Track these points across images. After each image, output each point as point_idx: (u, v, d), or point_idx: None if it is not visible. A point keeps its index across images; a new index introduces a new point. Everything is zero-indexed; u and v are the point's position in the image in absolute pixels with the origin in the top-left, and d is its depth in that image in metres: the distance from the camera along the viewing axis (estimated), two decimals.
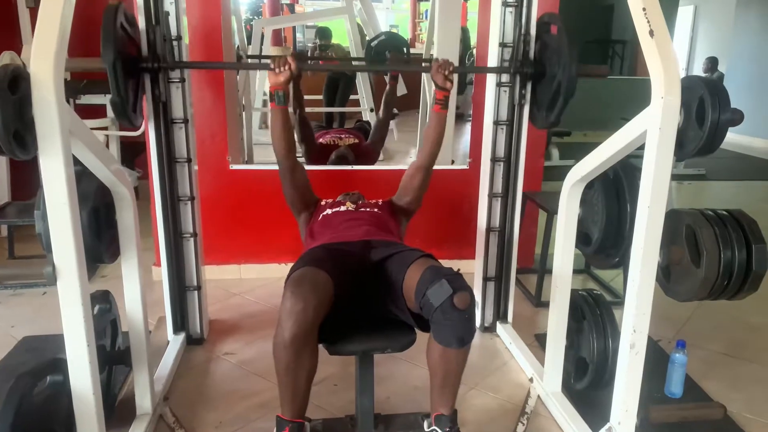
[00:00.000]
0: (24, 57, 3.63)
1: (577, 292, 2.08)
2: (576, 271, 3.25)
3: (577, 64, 2.06)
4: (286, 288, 1.61)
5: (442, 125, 2.21)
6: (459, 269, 1.66)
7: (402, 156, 6.18)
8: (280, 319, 1.57)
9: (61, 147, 1.29)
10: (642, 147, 1.55)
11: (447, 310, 1.56)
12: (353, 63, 5.40)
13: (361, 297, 1.84)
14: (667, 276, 1.65)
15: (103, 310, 1.96)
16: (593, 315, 1.99)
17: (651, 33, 1.45)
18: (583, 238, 2.00)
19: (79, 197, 1.67)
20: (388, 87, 3.79)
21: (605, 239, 1.89)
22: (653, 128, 1.45)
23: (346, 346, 1.73)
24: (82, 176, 1.71)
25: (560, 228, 1.98)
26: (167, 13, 2.21)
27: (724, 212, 1.55)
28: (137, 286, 1.85)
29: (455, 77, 2.21)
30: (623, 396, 1.64)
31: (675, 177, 4.73)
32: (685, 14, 10.38)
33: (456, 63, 2.18)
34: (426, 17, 11.62)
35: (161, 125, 2.26)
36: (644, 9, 1.48)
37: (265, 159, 5.61)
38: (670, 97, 1.41)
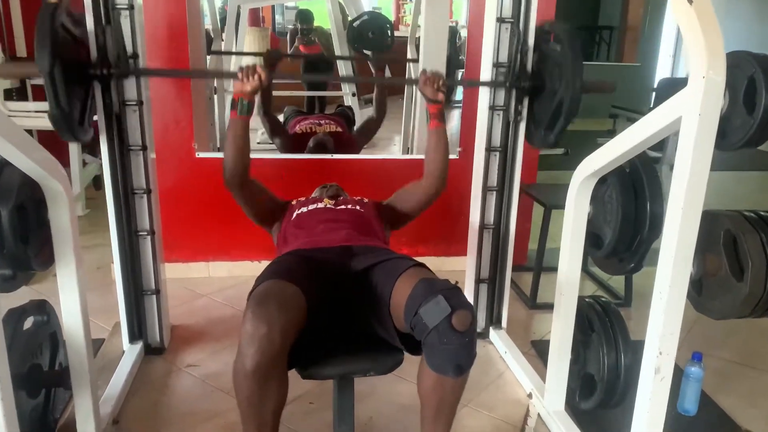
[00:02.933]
0: None
1: (583, 300, 1.84)
2: None
3: (581, 79, 1.84)
4: (247, 307, 1.35)
5: (444, 141, 1.94)
6: (457, 282, 1.40)
7: (385, 143, 5.88)
8: (240, 345, 1.31)
9: None
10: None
11: (444, 333, 1.31)
12: (338, 50, 5.10)
13: (340, 313, 1.58)
14: (698, 289, 1.41)
15: (39, 323, 1.68)
16: (603, 326, 1.76)
17: None
18: (592, 240, 1.76)
19: None
20: (376, 87, 3.52)
21: (620, 242, 1.65)
22: (690, 114, 1.20)
23: (322, 369, 1.47)
24: (3, 168, 1.43)
25: (567, 228, 1.74)
26: (119, 13, 1.92)
27: None
28: (76, 297, 1.57)
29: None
30: (645, 428, 1.40)
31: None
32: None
33: (444, 58, 1.95)
34: None
35: (112, 112, 1.98)
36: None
37: None
38: (712, 76, 1.16)
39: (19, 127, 1.26)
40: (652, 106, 8.10)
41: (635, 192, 1.62)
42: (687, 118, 1.21)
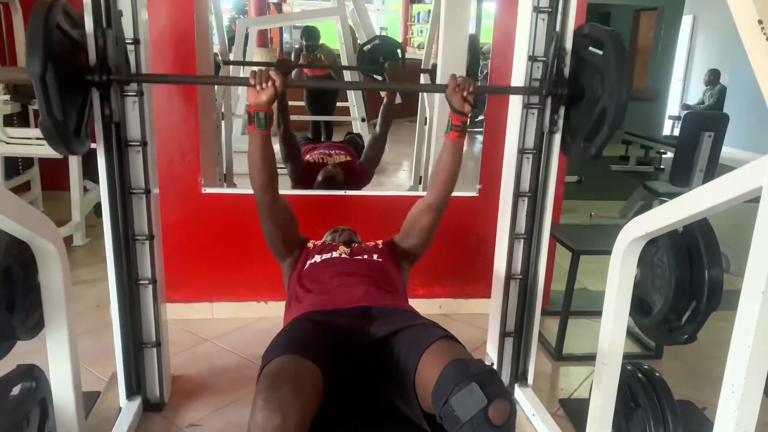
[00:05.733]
0: None
1: (625, 368, 1.68)
2: (593, 312, 2.87)
3: (627, 86, 1.67)
4: (257, 391, 1.18)
5: (459, 156, 1.84)
6: (493, 364, 1.24)
7: (395, 169, 5.75)
8: None
9: None
10: None
11: (479, 427, 1.14)
12: (347, 75, 4.93)
13: (358, 386, 1.42)
14: None
15: (27, 390, 1.51)
16: (649, 400, 1.60)
17: None
18: (638, 306, 1.60)
19: None
20: (385, 99, 3.37)
21: (672, 310, 1.49)
22: None
23: None
24: None
25: (611, 293, 1.58)
26: (120, 12, 1.77)
27: None
28: (68, 368, 1.42)
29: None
30: None
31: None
32: (682, 24, 10.09)
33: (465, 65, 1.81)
34: (419, 20, 11.25)
35: (113, 149, 1.83)
36: (761, 22, 1.07)
37: (246, 170, 5.18)
38: None
39: (2, 189, 1.11)
40: (673, 135, 7.96)
41: (690, 256, 1.46)
42: None
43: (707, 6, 9.58)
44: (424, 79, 4.22)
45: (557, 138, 2.01)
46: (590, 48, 1.86)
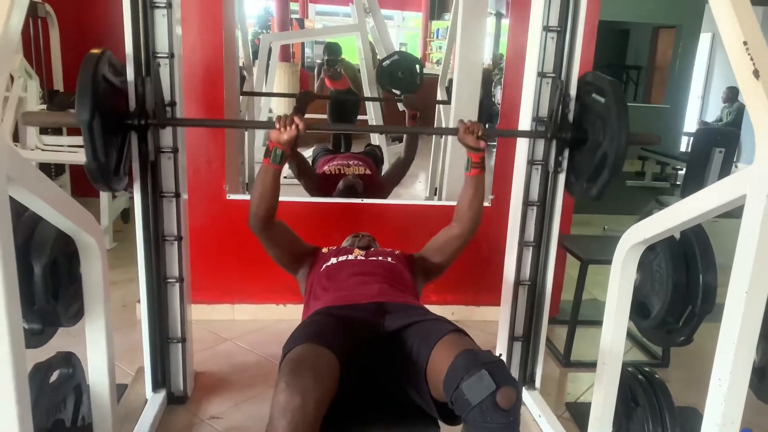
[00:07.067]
0: None
1: (626, 369, 1.76)
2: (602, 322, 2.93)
3: (627, 132, 1.78)
4: (280, 375, 1.29)
5: (482, 189, 1.93)
6: (501, 354, 1.34)
7: (410, 181, 5.85)
8: (272, 416, 1.25)
9: None
10: None
11: (488, 411, 1.24)
12: (367, 89, 5.05)
13: (372, 376, 1.52)
14: (761, 376, 1.33)
15: (65, 376, 1.64)
16: (648, 400, 1.67)
17: (756, 73, 1.15)
18: (638, 308, 1.68)
19: (33, 247, 1.39)
20: (407, 123, 3.48)
21: (669, 313, 1.57)
22: (757, 195, 1.13)
23: None
24: (37, 222, 1.41)
25: (612, 296, 1.66)
26: (159, 62, 1.94)
27: None
28: (104, 355, 1.54)
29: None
30: None
31: None
32: (701, 42, 10.12)
33: (477, 101, 1.89)
34: (437, 36, 11.42)
35: (147, 160, 1.97)
36: (746, 43, 1.17)
37: None
38: None
39: (53, 183, 1.23)
40: (687, 150, 7.98)
41: (686, 262, 1.55)
42: (752, 199, 1.14)
43: None
44: (441, 92, 4.34)
45: (562, 178, 2.14)
46: (594, 95, 1.97)
